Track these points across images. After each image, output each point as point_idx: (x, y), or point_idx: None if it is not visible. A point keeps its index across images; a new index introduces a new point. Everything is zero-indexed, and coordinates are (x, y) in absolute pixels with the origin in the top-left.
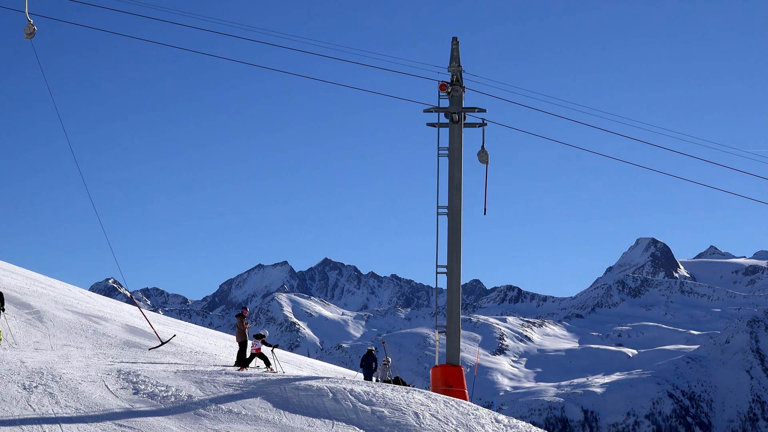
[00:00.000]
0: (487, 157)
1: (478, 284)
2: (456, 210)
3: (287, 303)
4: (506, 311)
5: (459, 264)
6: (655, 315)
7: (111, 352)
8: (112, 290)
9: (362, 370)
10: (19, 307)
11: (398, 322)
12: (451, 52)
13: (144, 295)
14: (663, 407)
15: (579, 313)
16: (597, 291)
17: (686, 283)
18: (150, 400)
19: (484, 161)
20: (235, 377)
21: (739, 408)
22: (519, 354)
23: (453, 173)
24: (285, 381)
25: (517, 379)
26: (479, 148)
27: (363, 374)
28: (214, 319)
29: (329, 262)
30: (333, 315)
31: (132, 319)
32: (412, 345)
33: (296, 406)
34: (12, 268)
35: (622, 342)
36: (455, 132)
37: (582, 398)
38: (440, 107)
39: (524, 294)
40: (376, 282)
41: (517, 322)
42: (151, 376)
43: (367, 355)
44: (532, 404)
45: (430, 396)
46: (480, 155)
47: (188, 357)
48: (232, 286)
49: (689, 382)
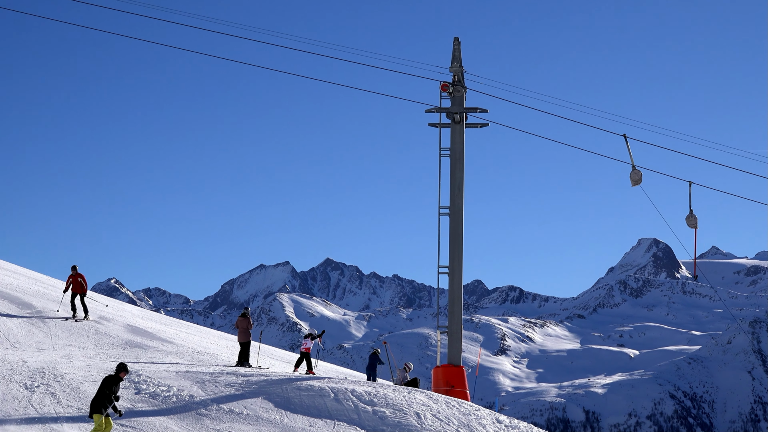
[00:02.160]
0: (696, 222)
1: (480, 284)
2: (458, 210)
3: (289, 303)
4: (508, 312)
5: (461, 264)
6: (657, 315)
7: (113, 352)
8: (114, 290)
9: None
10: (21, 307)
11: (400, 322)
12: (452, 52)
13: (146, 295)
14: (664, 408)
15: (581, 314)
16: (599, 291)
17: (688, 283)
18: (152, 399)
19: (693, 225)
20: (237, 377)
21: (741, 409)
22: (520, 354)
23: (455, 174)
24: (286, 381)
25: (519, 379)
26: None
27: (366, 375)
28: (215, 319)
29: (331, 263)
30: (335, 315)
31: (134, 319)
32: (414, 345)
33: (298, 406)
34: (14, 267)
35: (623, 342)
36: (457, 132)
37: (583, 399)
38: (442, 108)
39: (526, 294)
40: (378, 282)
41: (518, 323)
42: (153, 376)
43: (372, 355)
44: (533, 405)
45: (431, 396)
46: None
47: (190, 357)
48: (234, 287)
49: (691, 382)
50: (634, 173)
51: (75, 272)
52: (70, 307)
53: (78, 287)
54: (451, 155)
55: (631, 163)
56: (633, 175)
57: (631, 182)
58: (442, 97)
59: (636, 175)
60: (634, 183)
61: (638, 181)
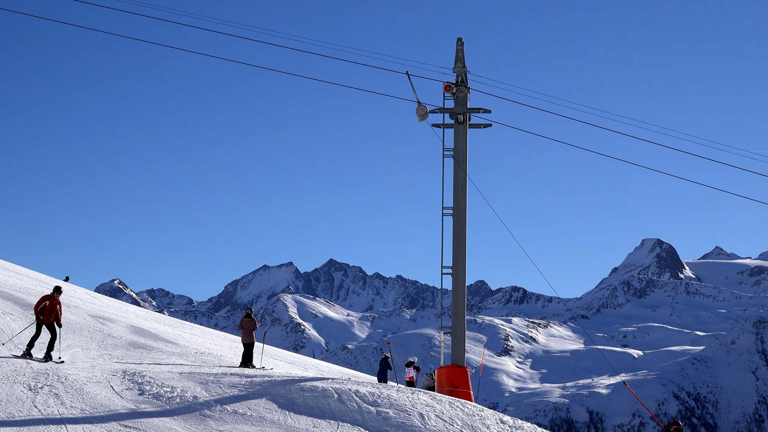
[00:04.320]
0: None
1: (483, 285)
2: (461, 211)
3: (292, 304)
4: (511, 312)
5: (464, 265)
6: (661, 316)
7: (116, 353)
8: (118, 291)
9: (378, 377)
10: (25, 308)
11: (403, 323)
12: (456, 52)
13: (149, 296)
14: (668, 408)
15: (584, 314)
16: (602, 292)
17: (691, 284)
18: (155, 400)
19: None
20: (241, 378)
21: (745, 409)
22: (524, 355)
23: (458, 174)
24: (290, 382)
25: (523, 380)
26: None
27: (377, 381)
28: (219, 320)
29: (334, 263)
30: (338, 316)
31: (137, 320)
32: (417, 346)
33: (301, 407)
34: (17, 269)
35: (627, 343)
36: (460, 133)
37: (587, 399)
38: (445, 108)
39: (529, 295)
40: (382, 283)
41: (522, 323)
42: (157, 377)
43: (382, 360)
44: (537, 405)
45: (435, 397)
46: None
47: (193, 358)
48: (238, 287)
49: (695, 383)
50: (419, 109)
51: (58, 295)
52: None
53: (55, 316)
54: (455, 156)
55: (416, 99)
56: (419, 110)
57: (417, 118)
58: (445, 98)
59: (422, 111)
60: (421, 119)
61: (424, 117)
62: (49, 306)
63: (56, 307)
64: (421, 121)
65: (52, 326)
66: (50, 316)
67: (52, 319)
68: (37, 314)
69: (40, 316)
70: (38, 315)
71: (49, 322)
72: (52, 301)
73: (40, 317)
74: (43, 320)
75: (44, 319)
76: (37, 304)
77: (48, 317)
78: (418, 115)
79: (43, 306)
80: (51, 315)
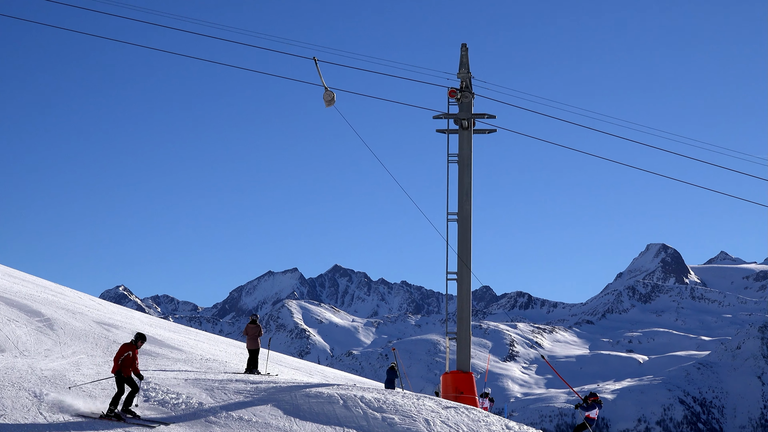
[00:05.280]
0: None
1: (489, 291)
2: (466, 216)
3: (297, 310)
4: (516, 317)
5: (469, 270)
6: (666, 321)
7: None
8: (123, 297)
9: (385, 386)
10: (30, 315)
11: (408, 328)
12: (460, 58)
13: (154, 302)
14: (674, 413)
15: (589, 320)
16: (607, 297)
17: (697, 288)
18: (161, 407)
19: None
20: (246, 384)
21: (751, 414)
22: (529, 360)
23: (463, 180)
24: (295, 388)
25: (528, 385)
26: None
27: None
28: (224, 326)
29: (339, 269)
30: (343, 322)
31: (142, 326)
32: (423, 352)
33: (307, 413)
34: (22, 275)
35: (632, 348)
36: (465, 138)
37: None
38: (450, 114)
39: (534, 300)
40: (386, 288)
41: (527, 329)
42: (162, 384)
43: (389, 369)
44: (542, 411)
45: (440, 403)
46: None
47: (199, 364)
48: (243, 293)
49: (700, 388)
50: (326, 94)
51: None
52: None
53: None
54: (459, 161)
55: (323, 84)
56: (325, 96)
57: (324, 103)
58: (449, 104)
59: (328, 96)
60: (327, 104)
61: (331, 102)
62: (132, 357)
63: (137, 358)
64: (328, 106)
65: (131, 378)
66: (131, 367)
67: (132, 371)
68: (118, 367)
69: (120, 371)
70: (118, 368)
71: (129, 375)
72: (134, 350)
73: (121, 372)
74: (124, 374)
75: (125, 373)
76: (118, 355)
77: (128, 369)
78: (325, 100)
79: (126, 357)
80: (131, 366)
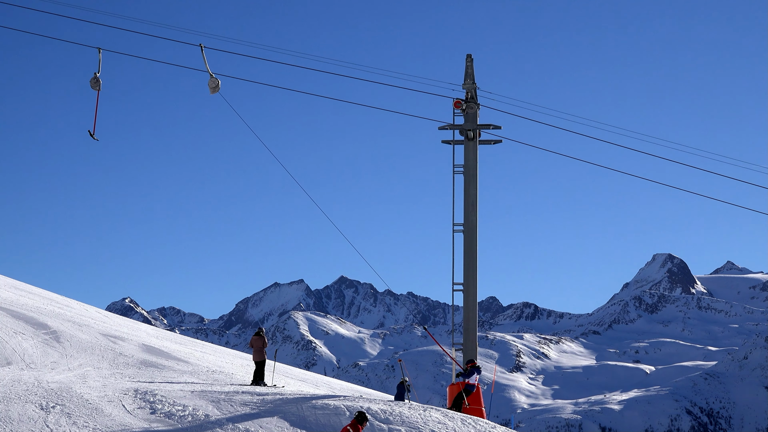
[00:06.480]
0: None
1: (495, 301)
2: (472, 227)
3: (303, 321)
4: (523, 328)
5: (475, 281)
6: (673, 331)
7: (128, 371)
8: (129, 309)
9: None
10: (37, 328)
11: (415, 339)
12: (465, 69)
13: (161, 314)
14: (681, 424)
15: (596, 330)
16: (614, 307)
17: (703, 298)
18: (167, 419)
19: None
20: (252, 396)
21: (758, 424)
22: (536, 371)
23: (468, 190)
24: (302, 400)
25: (535, 396)
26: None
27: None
28: (230, 337)
29: (345, 280)
30: (349, 333)
31: (149, 338)
32: (429, 363)
33: (313, 424)
34: (29, 288)
35: (639, 358)
36: (470, 149)
37: (600, 415)
38: (455, 125)
39: (541, 311)
40: (393, 300)
41: (533, 339)
42: (169, 396)
43: (399, 384)
44: (549, 421)
45: (447, 414)
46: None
47: (205, 376)
48: (249, 305)
49: (707, 398)
50: (211, 81)
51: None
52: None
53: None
54: (465, 172)
55: (208, 71)
56: (210, 83)
57: (209, 90)
58: (455, 114)
59: (213, 83)
60: (212, 91)
61: (216, 89)
62: None
63: None
64: (212, 93)
65: None
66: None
67: None
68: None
69: None
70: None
71: None
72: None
73: None
74: None
75: None
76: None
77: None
78: (210, 87)
79: None
80: None
